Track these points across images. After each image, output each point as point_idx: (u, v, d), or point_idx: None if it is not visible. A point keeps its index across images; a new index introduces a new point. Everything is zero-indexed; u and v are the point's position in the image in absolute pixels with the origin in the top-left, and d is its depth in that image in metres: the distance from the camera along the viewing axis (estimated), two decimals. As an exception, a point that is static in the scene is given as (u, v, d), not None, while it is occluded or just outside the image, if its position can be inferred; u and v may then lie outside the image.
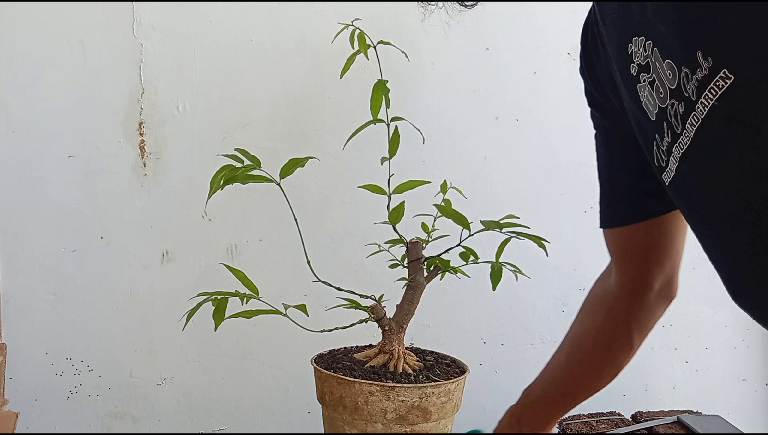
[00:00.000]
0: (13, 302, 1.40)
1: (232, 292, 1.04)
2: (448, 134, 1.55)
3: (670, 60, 0.63)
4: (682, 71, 0.62)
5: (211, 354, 1.48)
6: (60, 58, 1.40)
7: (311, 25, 1.48)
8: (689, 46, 0.60)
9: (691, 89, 0.61)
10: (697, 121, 0.61)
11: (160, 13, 1.43)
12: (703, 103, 0.60)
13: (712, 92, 0.58)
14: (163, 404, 1.47)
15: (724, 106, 0.58)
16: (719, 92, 0.58)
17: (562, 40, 1.60)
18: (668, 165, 0.68)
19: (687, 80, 0.61)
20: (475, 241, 1.13)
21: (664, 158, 0.69)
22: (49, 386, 1.42)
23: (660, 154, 0.70)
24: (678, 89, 0.63)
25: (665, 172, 0.69)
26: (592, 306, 0.99)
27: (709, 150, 0.62)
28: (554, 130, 1.60)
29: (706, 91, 0.59)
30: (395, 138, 1.14)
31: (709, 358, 1.71)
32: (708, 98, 0.59)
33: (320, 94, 1.50)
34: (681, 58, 0.61)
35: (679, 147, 0.65)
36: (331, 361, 1.14)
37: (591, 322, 0.97)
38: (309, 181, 1.48)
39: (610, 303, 0.96)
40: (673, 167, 0.67)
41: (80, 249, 1.42)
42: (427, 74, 1.54)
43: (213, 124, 1.46)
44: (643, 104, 0.70)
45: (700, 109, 0.60)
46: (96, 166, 1.42)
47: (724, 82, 0.57)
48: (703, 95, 0.59)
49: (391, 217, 1.13)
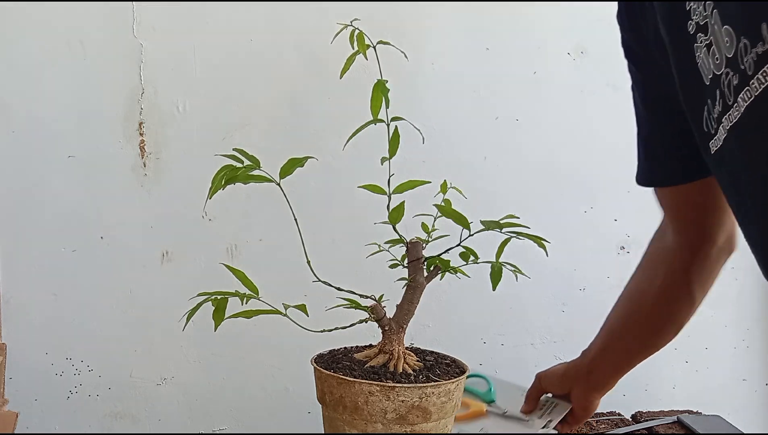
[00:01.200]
0: (13, 302, 1.40)
1: (232, 292, 1.04)
2: (448, 134, 1.55)
3: (729, 26, 0.59)
4: (741, 41, 0.58)
5: (211, 354, 1.48)
6: (60, 58, 1.39)
7: (311, 25, 1.48)
8: (753, 16, 0.56)
9: (748, 62, 0.57)
10: (749, 97, 0.57)
11: (160, 13, 1.43)
12: (759, 79, 0.56)
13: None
14: (163, 404, 1.47)
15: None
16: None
17: (562, 40, 1.60)
18: (717, 133, 0.64)
19: (745, 52, 0.57)
20: (475, 241, 1.13)
21: (714, 126, 0.65)
22: (49, 386, 1.42)
23: (710, 121, 0.66)
24: (734, 59, 0.59)
25: (712, 141, 0.66)
26: (650, 265, 0.96)
27: (759, 127, 0.58)
28: (554, 130, 1.60)
29: (764, 68, 0.55)
30: (395, 138, 1.14)
31: (709, 358, 1.71)
32: (765, 75, 0.55)
33: (320, 94, 1.50)
34: (742, 27, 0.57)
35: (729, 118, 0.61)
36: (331, 361, 1.14)
37: (651, 282, 0.95)
38: (309, 181, 1.48)
39: (669, 260, 0.93)
40: (721, 137, 0.64)
41: (80, 249, 1.42)
42: (427, 74, 1.54)
43: (213, 124, 1.45)
44: (699, 65, 0.65)
45: (755, 85, 0.57)
46: (96, 166, 1.42)
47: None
48: (761, 71, 0.56)
49: (391, 217, 1.13)
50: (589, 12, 1.62)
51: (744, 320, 1.71)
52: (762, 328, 1.72)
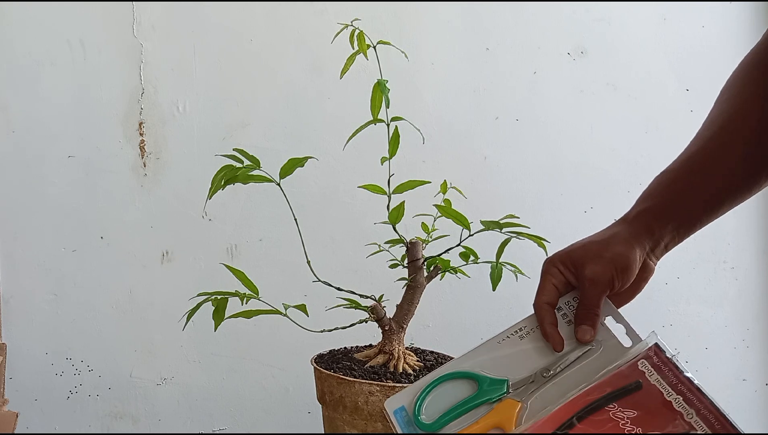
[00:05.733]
0: (13, 302, 1.40)
1: (232, 292, 1.04)
2: (448, 134, 1.55)
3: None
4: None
5: (211, 354, 1.48)
6: (60, 58, 1.39)
7: (311, 25, 1.48)
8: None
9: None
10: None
11: (160, 13, 1.43)
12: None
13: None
14: (163, 404, 1.47)
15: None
16: None
17: (562, 40, 1.60)
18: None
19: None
20: (475, 241, 1.13)
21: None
22: (49, 386, 1.42)
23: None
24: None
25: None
26: (736, 82, 0.80)
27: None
28: (554, 130, 1.60)
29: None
30: (395, 138, 1.14)
31: (709, 358, 1.71)
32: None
33: (320, 94, 1.50)
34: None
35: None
36: (331, 361, 1.14)
37: (738, 100, 0.78)
38: (309, 181, 1.48)
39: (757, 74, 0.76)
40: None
41: (80, 249, 1.42)
42: (427, 74, 1.54)
43: (213, 124, 1.46)
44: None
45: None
46: (96, 166, 1.42)
47: None
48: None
49: (391, 217, 1.13)
50: (589, 12, 1.63)
51: (744, 320, 1.71)
52: (762, 328, 1.72)
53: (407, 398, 0.73)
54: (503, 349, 0.76)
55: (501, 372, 0.73)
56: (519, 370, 0.73)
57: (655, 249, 0.77)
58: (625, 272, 0.75)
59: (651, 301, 1.63)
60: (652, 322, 1.66)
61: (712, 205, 0.77)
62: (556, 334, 0.75)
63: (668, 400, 0.69)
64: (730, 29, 1.69)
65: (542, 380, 0.71)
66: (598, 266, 0.75)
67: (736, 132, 0.77)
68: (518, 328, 0.77)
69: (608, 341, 0.74)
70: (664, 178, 0.79)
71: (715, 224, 0.81)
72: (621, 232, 0.77)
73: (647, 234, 0.76)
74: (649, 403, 0.68)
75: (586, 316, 0.75)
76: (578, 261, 0.77)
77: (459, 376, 0.74)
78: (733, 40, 1.67)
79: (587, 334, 0.74)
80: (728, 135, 0.77)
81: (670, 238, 0.77)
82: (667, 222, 0.77)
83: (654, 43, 1.66)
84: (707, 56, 1.66)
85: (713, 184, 0.77)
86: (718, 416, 0.67)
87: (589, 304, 0.75)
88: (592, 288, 0.75)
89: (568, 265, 0.78)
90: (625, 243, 0.76)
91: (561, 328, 0.76)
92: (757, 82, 0.79)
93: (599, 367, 0.72)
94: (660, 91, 1.66)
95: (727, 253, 1.68)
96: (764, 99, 0.77)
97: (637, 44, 1.65)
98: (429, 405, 0.72)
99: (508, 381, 0.72)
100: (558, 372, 0.72)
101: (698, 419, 0.66)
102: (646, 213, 0.78)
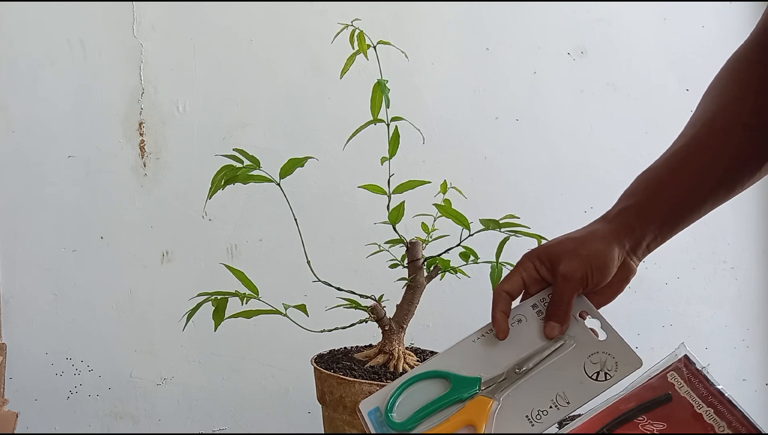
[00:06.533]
0: (13, 302, 1.40)
1: (232, 292, 1.04)
2: (448, 134, 1.55)
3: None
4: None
5: (211, 354, 1.48)
6: (60, 58, 1.39)
7: (311, 25, 1.48)
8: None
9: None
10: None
11: (160, 13, 1.43)
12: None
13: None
14: (163, 404, 1.47)
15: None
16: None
17: (562, 40, 1.60)
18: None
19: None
20: (475, 241, 1.13)
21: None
22: (49, 386, 1.42)
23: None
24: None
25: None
26: (738, 83, 0.79)
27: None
28: (554, 130, 1.60)
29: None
30: (395, 138, 1.14)
31: (709, 358, 1.70)
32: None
33: (320, 94, 1.50)
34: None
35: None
36: (331, 361, 1.14)
37: (741, 102, 0.77)
38: (309, 181, 1.48)
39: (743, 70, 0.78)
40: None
41: (80, 249, 1.42)
42: (427, 74, 1.54)
43: (213, 124, 1.46)
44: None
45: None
46: (96, 166, 1.42)
47: None
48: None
49: (391, 217, 1.13)
50: (589, 12, 1.63)
51: (744, 320, 1.71)
52: (762, 328, 1.72)
53: (381, 399, 0.73)
54: (477, 347, 0.76)
55: (474, 370, 0.73)
56: (492, 367, 0.73)
57: (636, 248, 0.76)
58: (601, 270, 0.74)
59: (651, 301, 1.64)
60: (652, 322, 1.66)
61: (694, 203, 0.76)
62: (504, 323, 0.75)
63: (699, 412, 0.68)
64: (730, 29, 1.69)
65: (515, 377, 0.71)
66: (572, 263, 0.74)
67: (719, 129, 0.76)
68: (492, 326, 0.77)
69: (582, 337, 0.73)
70: (646, 176, 0.79)
71: (715, 224, 0.81)
72: (600, 229, 0.77)
73: (628, 232, 0.75)
74: (679, 416, 0.68)
75: (554, 312, 0.74)
76: (554, 257, 0.75)
77: (432, 375, 0.74)
78: (733, 40, 1.66)
79: (555, 330, 0.73)
80: (711, 132, 0.76)
81: (652, 237, 0.76)
82: (649, 220, 0.75)
83: (654, 43, 1.66)
84: (707, 56, 1.66)
85: (695, 181, 0.75)
86: (751, 429, 0.66)
87: (559, 301, 0.74)
88: (564, 284, 0.73)
89: (545, 260, 0.76)
90: (603, 240, 0.75)
91: (535, 324, 0.75)
92: (741, 79, 0.79)
93: (572, 363, 0.71)
94: (660, 91, 1.66)
95: (727, 253, 1.68)
96: (752, 94, 0.77)
97: (637, 44, 1.65)
98: (401, 404, 0.72)
99: (481, 379, 0.72)
100: (531, 368, 0.72)
101: (730, 432, 0.66)
102: (628, 211, 0.77)
